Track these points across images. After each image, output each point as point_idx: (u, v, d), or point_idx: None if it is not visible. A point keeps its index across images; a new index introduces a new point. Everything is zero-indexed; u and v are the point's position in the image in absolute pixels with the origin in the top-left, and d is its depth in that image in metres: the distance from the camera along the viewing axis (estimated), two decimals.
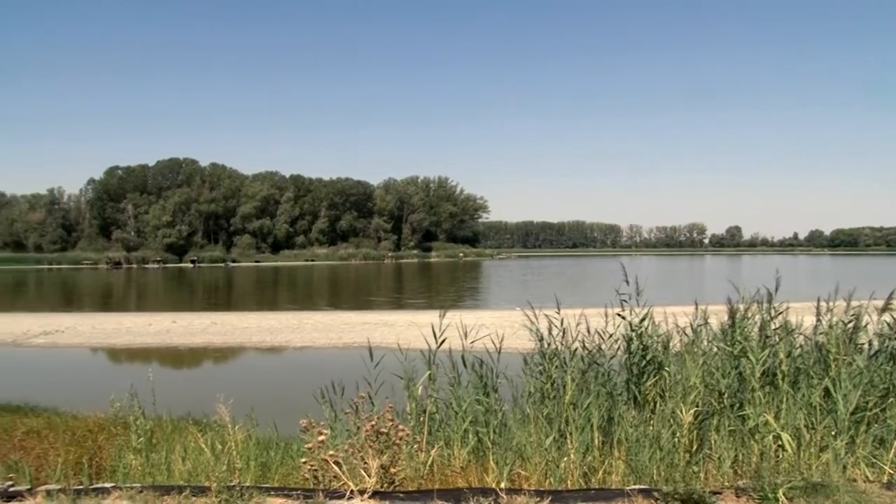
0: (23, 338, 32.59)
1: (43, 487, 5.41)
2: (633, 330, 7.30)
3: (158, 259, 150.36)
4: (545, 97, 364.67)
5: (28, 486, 5.51)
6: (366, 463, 5.24)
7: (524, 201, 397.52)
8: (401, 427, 5.66)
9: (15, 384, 20.81)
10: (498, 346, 7.20)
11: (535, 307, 7.41)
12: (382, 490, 5.10)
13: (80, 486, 5.46)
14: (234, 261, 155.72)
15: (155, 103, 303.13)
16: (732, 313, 7.32)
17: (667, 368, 6.91)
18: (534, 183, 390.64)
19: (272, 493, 5.13)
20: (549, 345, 7.08)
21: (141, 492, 5.19)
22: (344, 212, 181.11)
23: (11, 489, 5.39)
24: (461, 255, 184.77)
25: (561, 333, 7.19)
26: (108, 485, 5.49)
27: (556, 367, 6.86)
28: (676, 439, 5.97)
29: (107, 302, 64.92)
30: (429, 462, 5.90)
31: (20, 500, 5.24)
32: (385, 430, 5.48)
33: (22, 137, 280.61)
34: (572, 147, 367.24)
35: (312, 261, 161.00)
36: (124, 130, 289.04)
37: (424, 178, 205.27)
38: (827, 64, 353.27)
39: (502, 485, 5.33)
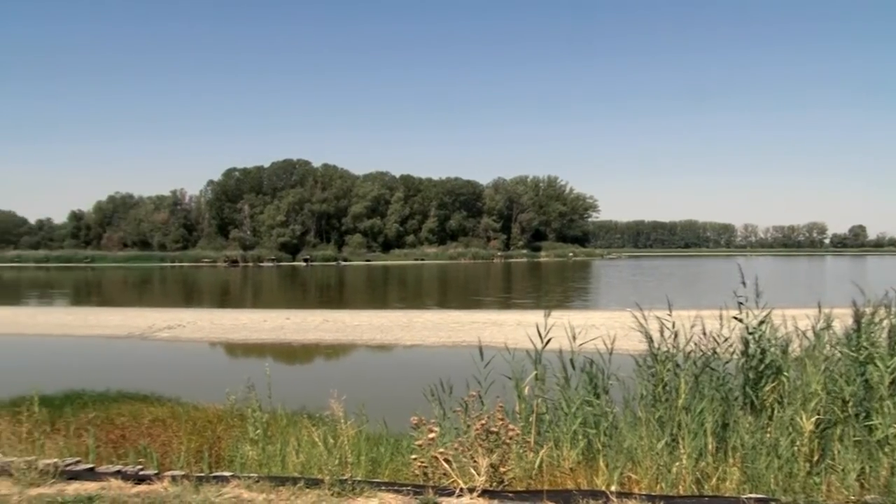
0: (149, 331, 34.25)
1: (168, 473, 5.69)
2: (749, 333, 7.06)
3: (273, 257, 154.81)
4: (657, 94, 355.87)
5: (155, 471, 5.81)
6: (475, 461, 5.26)
7: (635, 200, 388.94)
8: (511, 426, 5.66)
9: (142, 375, 21.88)
10: (609, 347, 7.10)
11: (647, 308, 7.27)
12: (492, 489, 5.11)
13: (202, 474, 5.71)
14: (345, 259, 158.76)
15: (269, 105, 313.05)
16: (858, 317, 7.00)
17: (786, 373, 6.66)
18: (645, 182, 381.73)
19: (383, 488, 5.21)
20: (660, 347, 6.93)
21: (257, 481, 5.37)
22: (453, 211, 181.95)
23: (141, 472, 5.70)
24: (570, 254, 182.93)
25: (673, 336, 7.03)
26: (226, 473, 5.71)
27: (669, 369, 6.71)
28: (796, 448, 5.75)
29: (224, 299, 67.42)
30: (538, 462, 5.87)
31: (149, 484, 5.53)
32: (495, 430, 5.48)
33: (148, 137, 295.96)
34: (685, 145, 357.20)
35: (422, 260, 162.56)
36: (241, 132, 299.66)
37: (534, 177, 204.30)
38: None
39: (612, 488, 5.25)
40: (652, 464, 5.66)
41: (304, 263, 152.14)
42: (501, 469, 5.40)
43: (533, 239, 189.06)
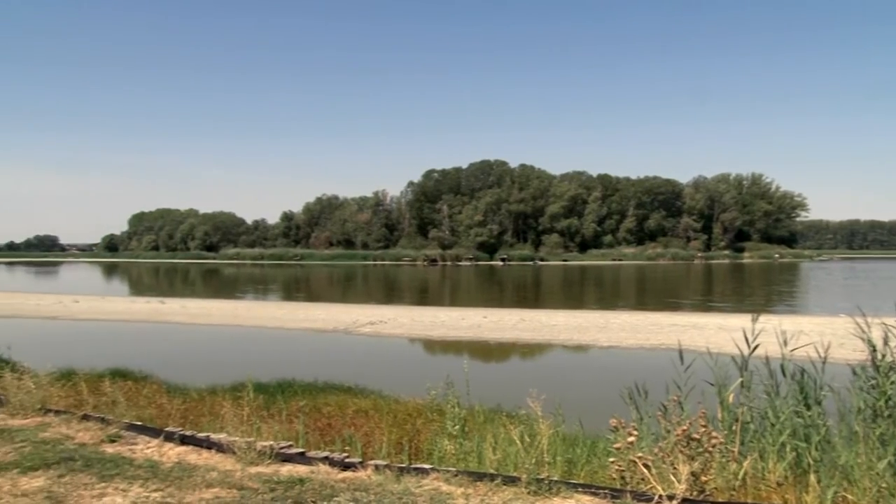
0: (352, 326, 35.98)
1: (372, 462, 5.97)
2: None
3: (470, 256, 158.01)
4: (861, 86, 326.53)
5: (359, 460, 6.11)
6: (675, 468, 5.11)
7: (849, 198, 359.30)
8: (714, 434, 5.45)
9: (346, 367, 23.01)
10: (822, 354, 6.65)
11: (866, 314, 6.73)
12: (692, 498, 4.94)
13: (402, 465, 5.92)
14: (542, 259, 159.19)
15: (467, 105, 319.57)
16: None
17: None
18: (862, 178, 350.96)
19: (579, 489, 5.18)
20: (885, 357, 6.39)
21: (455, 475, 5.50)
22: (652, 211, 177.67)
23: (347, 460, 6.01)
24: (776, 256, 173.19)
25: None
26: (426, 466, 5.89)
27: (893, 382, 6.18)
28: None
29: (423, 296, 69.44)
30: (741, 474, 5.60)
31: (353, 471, 5.83)
32: (697, 436, 5.30)
33: (351, 138, 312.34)
34: None
35: (620, 260, 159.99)
36: (440, 133, 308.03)
37: (736, 175, 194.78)
38: None
39: None
40: (871, 485, 5.24)
41: (501, 263, 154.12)
42: (702, 478, 5.21)
43: (735, 239, 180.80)
